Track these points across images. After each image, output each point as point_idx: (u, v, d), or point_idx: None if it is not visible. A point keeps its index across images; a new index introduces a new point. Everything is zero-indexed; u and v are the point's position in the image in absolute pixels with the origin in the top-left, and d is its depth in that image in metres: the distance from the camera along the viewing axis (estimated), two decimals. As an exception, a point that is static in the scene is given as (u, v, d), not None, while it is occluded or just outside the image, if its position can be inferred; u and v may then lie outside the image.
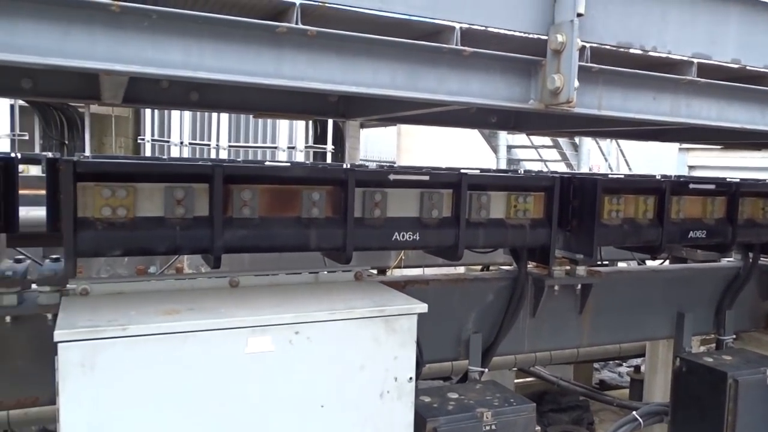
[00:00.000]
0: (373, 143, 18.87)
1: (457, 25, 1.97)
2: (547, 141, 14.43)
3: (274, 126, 12.70)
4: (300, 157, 12.78)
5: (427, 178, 3.23)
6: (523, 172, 6.44)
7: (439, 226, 3.22)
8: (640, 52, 2.24)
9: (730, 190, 4.03)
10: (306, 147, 12.96)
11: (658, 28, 2.27)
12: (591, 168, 13.92)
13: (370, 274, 3.13)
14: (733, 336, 4.51)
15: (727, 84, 2.52)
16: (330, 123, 12.84)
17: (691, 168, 13.05)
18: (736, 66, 2.46)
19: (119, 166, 2.86)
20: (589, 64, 2.17)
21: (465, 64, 2.04)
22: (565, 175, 3.90)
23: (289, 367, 2.33)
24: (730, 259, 4.83)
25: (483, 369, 3.68)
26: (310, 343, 2.35)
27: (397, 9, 1.88)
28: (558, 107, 2.06)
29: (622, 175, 6.62)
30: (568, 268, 3.87)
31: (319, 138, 13.24)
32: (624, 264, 6.37)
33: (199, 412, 2.23)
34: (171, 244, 2.68)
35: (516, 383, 6.61)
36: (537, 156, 15.03)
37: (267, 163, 7.03)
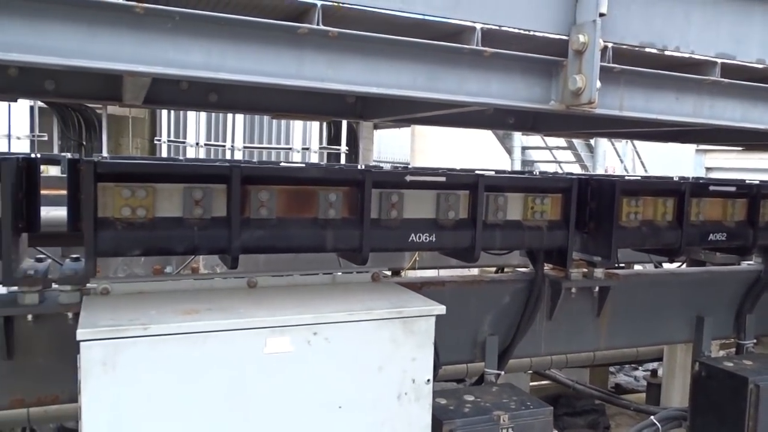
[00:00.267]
0: (387, 144, 18.87)
1: (478, 26, 1.97)
2: (561, 142, 14.36)
3: (288, 127, 12.74)
4: (314, 158, 12.81)
5: (443, 179, 3.22)
6: (538, 174, 6.40)
7: (455, 227, 3.21)
8: (662, 52, 2.22)
9: (750, 192, 3.99)
10: (320, 148, 12.99)
11: (681, 27, 2.25)
12: (606, 170, 13.82)
13: (385, 275, 3.12)
14: (754, 340, 4.45)
15: (751, 84, 2.49)
16: (344, 124, 12.87)
17: (708, 170, 12.93)
18: (761, 66, 2.42)
19: (139, 166, 2.88)
20: (611, 65, 2.16)
21: (485, 64, 2.03)
22: (583, 176, 3.87)
23: (308, 367, 2.33)
24: (750, 262, 4.77)
25: (499, 371, 3.66)
26: (329, 344, 2.35)
27: (418, 9, 1.88)
28: (579, 108, 2.05)
29: (640, 177, 6.56)
30: (585, 270, 3.84)
31: (333, 139, 13.27)
32: (639, 267, 6.32)
33: (218, 411, 2.24)
34: (189, 244, 2.70)
35: (530, 386, 6.57)
36: (551, 157, 14.95)
37: (282, 164, 7.05)
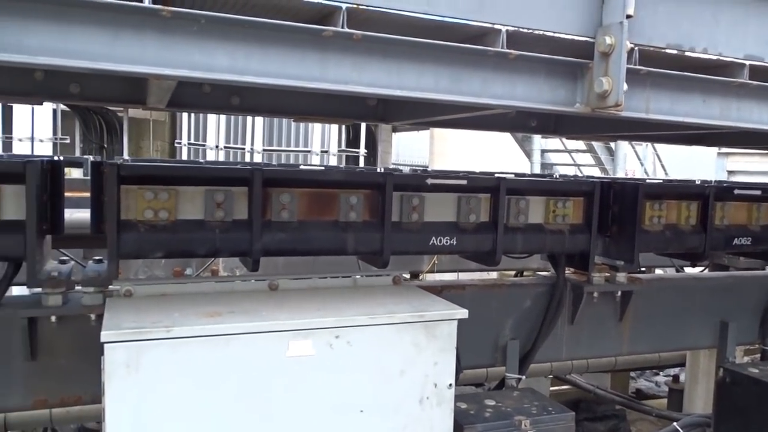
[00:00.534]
0: (405, 147, 18.88)
1: (503, 28, 1.95)
2: (581, 145, 14.25)
3: (307, 130, 12.79)
4: (333, 161, 12.84)
5: (464, 182, 3.21)
6: (558, 177, 6.36)
7: (476, 230, 3.19)
8: (689, 53, 2.19)
9: (777, 195, 3.92)
10: (339, 151, 13.01)
11: (709, 29, 2.21)
12: (626, 173, 13.69)
13: (405, 278, 3.11)
14: (779, 346, 4.37)
15: (781, 86, 2.44)
16: (363, 127, 12.88)
17: (730, 173, 12.76)
18: (790, 68, 2.38)
19: (161, 169, 2.90)
20: (637, 67, 2.13)
21: (510, 67, 2.02)
22: (605, 179, 3.84)
23: (329, 371, 2.33)
24: (775, 267, 4.69)
25: (520, 376, 3.63)
26: (351, 348, 2.35)
27: (443, 12, 1.87)
28: (605, 111, 2.02)
29: (663, 181, 6.49)
30: (607, 274, 3.80)
31: (352, 142, 13.29)
32: (660, 271, 6.24)
33: (239, 414, 2.24)
34: (211, 246, 2.71)
35: (550, 391, 6.52)
36: (571, 161, 14.84)
37: (302, 167, 7.07)
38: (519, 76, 2.04)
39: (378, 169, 6.28)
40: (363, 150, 13.19)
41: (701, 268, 5.39)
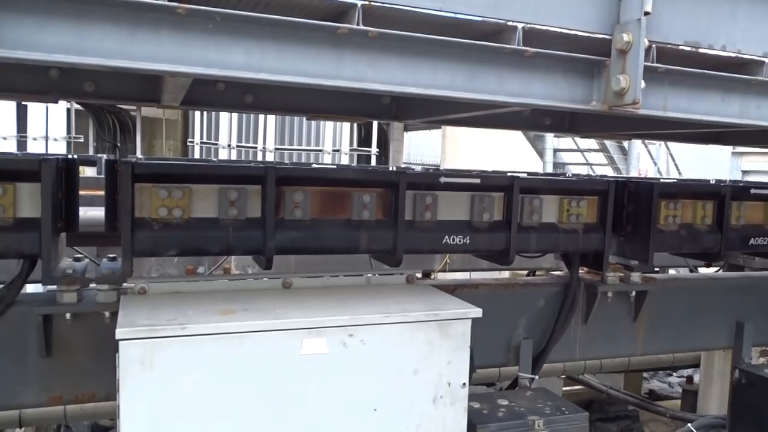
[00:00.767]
0: (416, 146, 18.86)
1: (519, 25, 1.93)
2: (593, 144, 14.16)
3: (319, 129, 12.81)
4: (344, 159, 12.85)
5: (478, 181, 3.19)
6: (570, 176, 6.32)
7: (490, 229, 3.17)
8: (708, 51, 2.16)
9: (794, 195, 3.87)
10: (351, 150, 13.02)
11: (727, 26, 2.18)
12: (640, 172, 13.58)
13: (417, 277, 3.10)
14: (796, 348, 4.33)
15: (802, 84, 2.40)
16: (375, 126, 12.88)
17: (744, 173, 12.64)
18: (811, 65, 2.34)
19: (175, 167, 2.90)
20: (655, 64, 2.11)
21: (526, 64, 2.00)
22: (620, 179, 3.81)
23: (343, 369, 2.32)
24: (792, 268, 4.64)
25: (533, 376, 3.61)
26: (364, 346, 2.34)
27: (459, 9, 1.86)
28: (622, 108, 2.00)
29: (678, 180, 6.43)
30: (621, 274, 3.77)
31: (364, 141, 13.29)
32: (673, 271, 6.19)
33: (253, 411, 2.24)
34: (224, 244, 2.71)
35: (563, 391, 6.48)
36: (583, 160, 14.75)
37: (314, 165, 7.07)
38: (535, 73, 2.03)
39: (390, 168, 6.27)
40: (375, 149, 13.18)
41: (716, 269, 5.33)
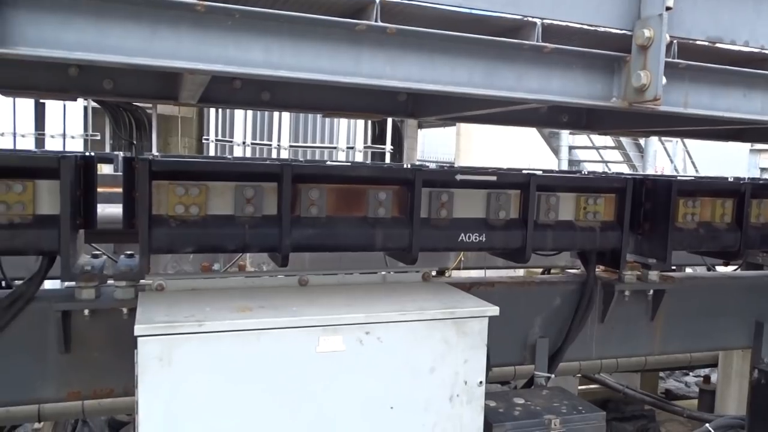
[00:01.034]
0: (430, 144, 18.82)
1: (539, 21, 1.92)
2: (609, 141, 14.05)
3: (333, 126, 12.82)
4: (359, 157, 12.85)
5: (494, 178, 3.18)
6: (586, 174, 6.28)
7: (506, 227, 3.16)
8: (730, 46, 2.13)
9: (816, 193, 3.81)
10: (365, 147, 13.02)
11: (750, 21, 2.15)
12: (656, 170, 13.46)
13: (432, 275, 3.09)
14: (816, 348, 4.26)
15: (825, 80, 2.36)
16: (389, 123, 12.86)
17: (763, 170, 12.49)
18: (835, 61, 2.30)
19: (192, 165, 2.92)
20: (676, 60, 2.08)
21: (545, 60, 1.98)
22: (637, 176, 3.77)
23: (359, 367, 2.32)
24: (813, 266, 4.57)
25: (549, 375, 3.59)
26: (381, 344, 2.34)
27: (478, 5, 1.84)
28: (643, 105, 1.98)
29: (696, 177, 6.37)
30: (639, 273, 3.74)
31: (378, 138, 13.28)
32: (690, 269, 6.13)
33: (270, 408, 2.25)
34: (240, 242, 2.72)
35: (578, 390, 6.44)
36: (599, 157, 14.64)
37: (329, 162, 7.08)
38: (554, 69, 2.01)
39: (405, 166, 6.25)
40: (389, 146, 13.17)
41: (734, 267, 5.27)
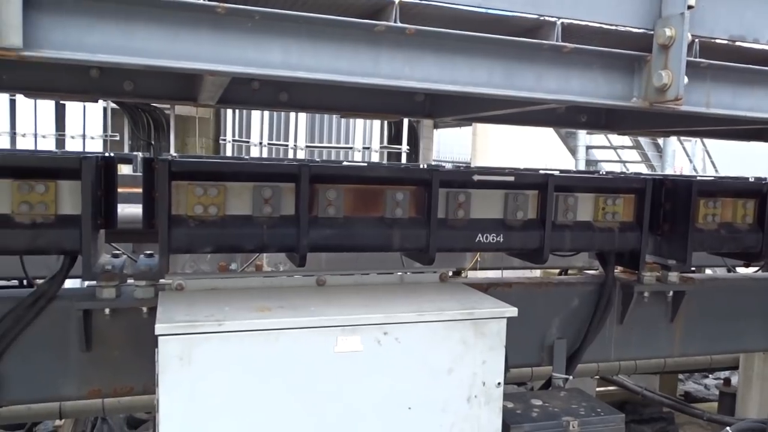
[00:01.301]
0: (446, 144, 18.79)
1: (558, 21, 1.91)
2: (626, 141, 13.93)
3: (349, 126, 12.85)
4: (375, 157, 12.87)
5: (512, 179, 3.16)
6: (604, 174, 6.23)
7: (524, 228, 3.14)
8: (753, 45, 2.10)
9: (839, 193, 3.74)
10: (381, 147, 13.03)
11: (774, 19, 2.12)
12: (675, 170, 13.32)
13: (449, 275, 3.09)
14: (840, 350, 4.20)
15: None
16: (405, 123, 12.86)
17: (785, 170, 12.27)
18: None
19: (211, 165, 2.94)
20: (698, 60, 2.06)
21: (564, 60, 1.97)
22: (657, 176, 3.74)
23: (377, 367, 2.33)
24: (837, 268, 4.50)
25: (567, 376, 3.57)
26: (399, 344, 2.34)
27: (498, 5, 1.84)
28: (664, 105, 1.96)
29: (716, 178, 6.29)
30: (658, 274, 3.70)
31: (394, 138, 13.29)
32: (710, 271, 6.06)
33: (288, 408, 2.26)
34: (259, 242, 2.73)
35: (596, 391, 6.39)
36: (616, 157, 14.53)
37: (346, 163, 7.09)
38: (574, 69, 2.00)
39: (421, 166, 6.24)
40: (405, 146, 13.17)
41: (755, 269, 5.20)
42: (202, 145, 14.03)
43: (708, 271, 6.04)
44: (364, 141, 12.93)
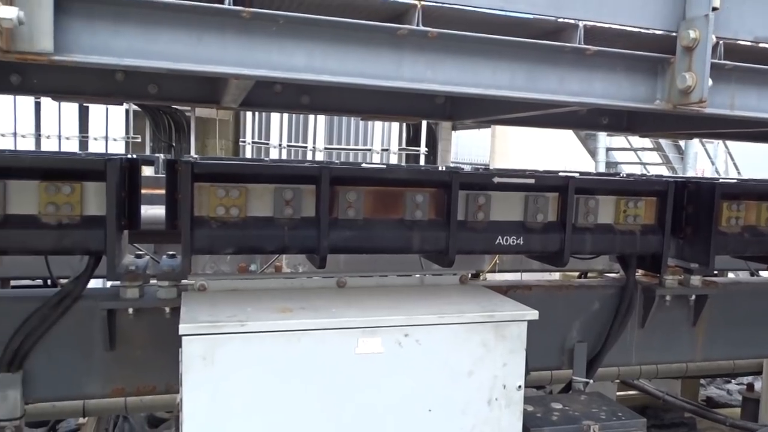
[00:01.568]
0: (464, 146, 18.75)
1: (581, 23, 1.90)
2: (647, 143, 13.80)
3: (367, 128, 12.88)
4: (393, 159, 12.89)
5: (532, 181, 3.15)
6: (624, 176, 6.17)
7: (544, 230, 3.13)
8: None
9: None
10: (399, 149, 13.04)
11: (800, 20, 2.10)
12: (697, 172, 13.16)
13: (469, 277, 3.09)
14: None
15: None
16: (423, 125, 12.87)
17: (809, 172, 12.09)
18: None
19: (233, 167, 2.97)
20: (722, 61, 2.04)
21: (587, 63, 1.97)
22: (679, 179, 3.70)
23: (398, 369, 2.33)
24: None
25: (588, 380, 3.54)
26: (419, 346, 2.34)
27: (520, 8, 1.84)
28: (688, 107, 1.94)
29: (740, 180, 6.21)
30: (680, 277, 3.67)
31: (412, 140, 13.29)
32: (732, 274, 5.98)
33: (309, 408, 2.27)
34: (279, 243, 2.76)
35: (617, 396, 6.33)
36: (637, 159, 14.39)
37: (364, 165, 7.11)
38: (596, 72, 1.99)
39: (439, 168, 6.24)
40: (423, 148, 13.17)
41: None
42: (222, 147, 14.14)
43: (731, 274, 5.96)
44: (382, 143, 12.95)
